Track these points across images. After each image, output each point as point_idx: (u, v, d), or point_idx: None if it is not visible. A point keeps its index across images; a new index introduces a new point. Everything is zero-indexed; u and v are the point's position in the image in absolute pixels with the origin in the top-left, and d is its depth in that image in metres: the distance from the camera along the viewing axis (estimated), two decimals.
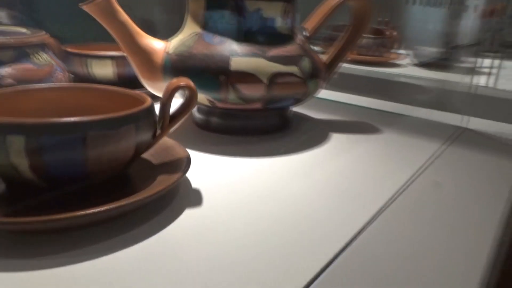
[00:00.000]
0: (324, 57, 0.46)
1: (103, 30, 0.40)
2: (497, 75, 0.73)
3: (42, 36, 0.38)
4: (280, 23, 0.41)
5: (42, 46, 0.39)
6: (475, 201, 0.32)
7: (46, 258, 0.22)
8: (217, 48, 0.39)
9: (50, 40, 0.40)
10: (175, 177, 0.27)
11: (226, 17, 0.40)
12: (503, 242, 0.26)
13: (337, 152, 0.40)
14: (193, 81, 0.38)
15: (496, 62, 0.76)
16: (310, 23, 0.45)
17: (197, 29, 0.41)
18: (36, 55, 0.38)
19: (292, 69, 0.39)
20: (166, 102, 0.29)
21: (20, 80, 0.35)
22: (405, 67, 0.89)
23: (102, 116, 0.23)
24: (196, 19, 0.41)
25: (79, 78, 0.52)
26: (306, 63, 0.41)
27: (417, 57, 0.92)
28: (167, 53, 0.40)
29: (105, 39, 0.44)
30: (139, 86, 0.42)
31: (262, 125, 0.44)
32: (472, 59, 0.78)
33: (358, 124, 0.49)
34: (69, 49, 0.51)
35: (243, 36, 0.39)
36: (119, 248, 0.23)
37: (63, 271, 0.21)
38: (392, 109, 0.56)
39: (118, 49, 0.54)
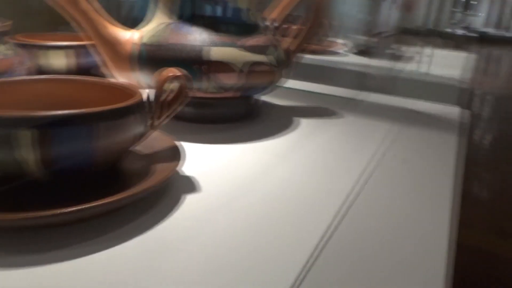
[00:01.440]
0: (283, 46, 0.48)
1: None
2: (430, 61, 0.82)
3: (2, 25, 0.36)
4: (249, 13, 0.42)
5: (1, 36, 0.36)
6: (430, 170, 0.37)
7: (42, 253, 0.21)
8: (192, 38, 0.39)
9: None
10: (171, 165, 0.28)
11: (198, 8, 0.40)
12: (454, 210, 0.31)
13: (307, 134, 0.43)
14: None
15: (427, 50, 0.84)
16: (277, 13, 0.47)
17: (169, 19, 0.41)
18: (7, 45, 0.36)
19: (264, 58, 0.41)
20: (159, 92, 0.29)
21: None
22: (346, 56, 0.95)
23: (110, 106, 0.24)
24: (168, 10, 0.41)
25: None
26: (275, 52, 0.43)
27: (355, 45, 0.99)
28: (139, 43, 0.40)
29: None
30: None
31: (233, 113, 0.46)
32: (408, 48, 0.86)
33: (319, 109, 0.53)
34: (20, 40, 0.48)
35: (216, 26, 0.40)
36: (119, 242, 0.23)
37: (61, 266, 0.21)
38: (344, 94, 0.61)
39: (73, 39, 0.52)
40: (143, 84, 0.40)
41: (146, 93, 0.29)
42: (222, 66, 0.39)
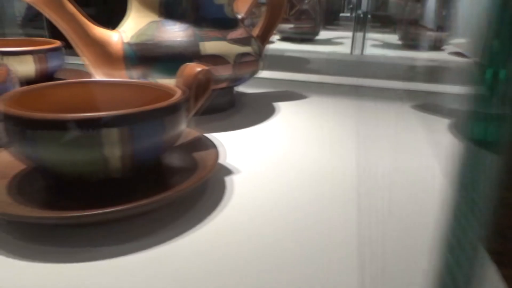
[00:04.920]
0: None
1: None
2: (363, 44, 0.91)
3: None
4: (227, 8, 0.45)
5: None
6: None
7: (89, 250, 0.22)
8: (182, 35, 0.41)
9: None
10: (210, 155, 0.30)
11: (182, 5, 0.42)
12: None
13: (291, 114, 0.47)
14: (163, 68, 0.40)
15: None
16: (241, 6, 0.51)
17: (153, 17, 0.42)
18: None
19: (249, 49, 0.44)
20: (190, 88, 0.31)
21: None
22: (276, 43, 1.01)
23: (172, 100, 0.25)
24: (150, 8, 0.42)
25: None
26: (255, 43, 0.46)
27: (278, 32, 1.05)
28: (131, 42, 0.40)
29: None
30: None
31: (222, 103, 0.48)
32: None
33: (288, 93, 0.58)
34: None
35: (202, 22, 0.42)
36: (167, 239, 0.23)
37: (110, 263, 0.21)
38: (295, 78, 0.67)
39: (37, 44, 0.49)
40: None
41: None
42: (217, 59, 0.41)
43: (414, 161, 0.36)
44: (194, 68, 0.31)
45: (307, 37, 1.05)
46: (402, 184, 0.32)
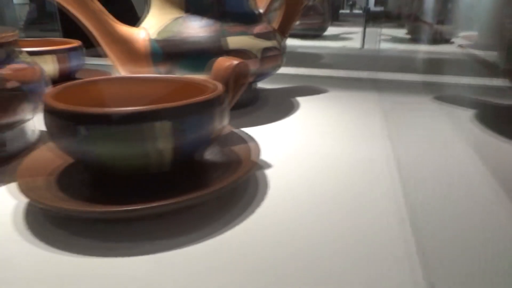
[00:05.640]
0: None
1: None
2: (364, 39, 0.91)
3: (15, 33, 0.33)
4: (250, 2, 0.45)
5: (17, 44, 0.34)
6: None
7: (139, 244, 0.22)
8: (208, 30, 0.41)
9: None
10: (253, 153, 0.29)
11: (207, 0, 0.42)
12: None
13: (311, 109, 0.47)
14: (189, 64, 0.40)
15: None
16: (260, 0, 0.50)
17: (178, 13, 0.42)
18: (21, 53, 0.33)
19: (273, 43, 0.44)
20: (228, 82, 0.31)
21: (22, 82, 0.30)
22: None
23: (218, 92, 0.25)
24: (174, 5, 0.42)
25: None
26: (277, 37, 0.46)
27: None
28: (154, 39, 0.40)
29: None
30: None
31: (242, 100, 0.48)
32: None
33: (306, 88, 0.58)
34: None
35: (226, 17, 0.42)
36: (215, 232, 0.23)
37: (160, 256, 0.21)
38: (310, 73, 0.67)
39: (55, 44, 0.49)
40: None
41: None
42: (241, 54, 0.41)
43: (445, 152, 0.36)
44: (230, 61, 0.31)
45: (316, 33, 1.05)
46: (441, 175, 0.32)
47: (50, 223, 0.24)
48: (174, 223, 0.24)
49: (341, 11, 1.64)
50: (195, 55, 0.40)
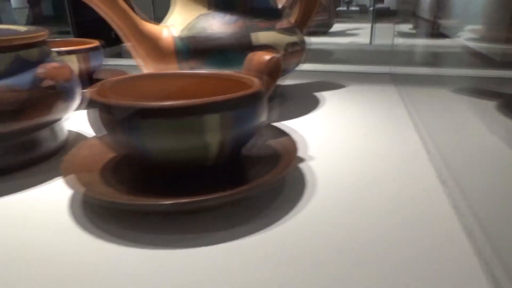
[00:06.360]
0: None
1: None
2: (372, 35, 0.91)
3: (46, 32, 0.33)
4: None
5: (48, 43, 0.33)
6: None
7: (195, 237, 0.22)
8: (233, 26, 0.41)
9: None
10: (293, 146, 0.28)
11: None
12: None
13: (335, 104, 0.47)
14: (216, 60, 0.40)
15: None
16: None
17: (202, 10, 0.41)
18: (52, 52, 0.33)
19: (296, 38, 0.44)
20: (263, 76, 0.31)
21: (57, 81, 0.30)
22: None
23: (260, 86, 0.25)
24: (199, 1, 0.42)
25: None
26: (299, 32, 0.46)
27: None
28: (182, 36, 0.40)
29: None
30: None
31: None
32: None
33: (325, 83, 0.58)
34: None
35: (251, 12, 0.42)
36: (265, 226, 0.23)
37: (216, 249, 0.21)
38: (324, 69, 0.67)
39: (72, 44, 0.49)
40: None
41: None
42: (268, 49, 0.41)
43: (478, 142, 0.36)
44: (265, 56, 0.31)
45: (322, 30, 1.05)
46: (479, 165, 0.32)
47: (98, 216, 0.24)
48: (224, 217, 0.24)
49: (338, 8, 1.64)
50: (222, 51, 0.39)
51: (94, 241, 0.22)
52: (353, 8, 1.72)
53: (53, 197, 0.27)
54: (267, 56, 0.31)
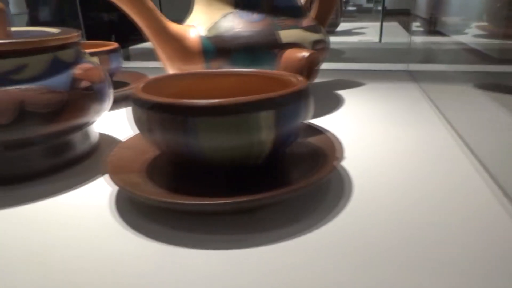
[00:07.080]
0: None
1: None
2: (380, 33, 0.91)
3: (79, 34, 0.32)
4: None
5: (81, 44, 0.33)
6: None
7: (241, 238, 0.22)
8: (260, 24, 0.40)
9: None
10: (336, 147, 0.28)
11: None
12: None
13: (357, 102, 0.47)
14: (242, 58, 0.40)
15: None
16: None
17: (228, 9, 0.41)
18: (86, 53, 0.32)
19: (321, 36, 0.44)
20: (301, 73, 0.30)
21: (93, 82, 0.30)
22: None
23: (305, 83, 0.25)
24: (223, 0, 0.41)
25: None
26: (323, 30, 0.46)
27: None
28: (208, 35, 0.40)
29: None
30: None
31: None
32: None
33: (342, 82, 0.58)
34: None
35: (276, 11, 0.42)
36: (309, 227, 0.23)
37: (258, 251, 0.21)
38: (337, 68, 0.67)
39: (90, 46, 0.48)
40: None
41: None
42: (295, 47, 0.40)
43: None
44: (303, 53, 0.31)
45: (329, 29, 1.05)
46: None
47: (144, 217, 0.23)
48: (264, 219, 0.23)
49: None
50: (249, 50, 0.39)
51: (141, 241, 0.22)
52: (350, 8, 1.73)
53: (93, 198, 0.27)
54: (305, 53, 0.31)
